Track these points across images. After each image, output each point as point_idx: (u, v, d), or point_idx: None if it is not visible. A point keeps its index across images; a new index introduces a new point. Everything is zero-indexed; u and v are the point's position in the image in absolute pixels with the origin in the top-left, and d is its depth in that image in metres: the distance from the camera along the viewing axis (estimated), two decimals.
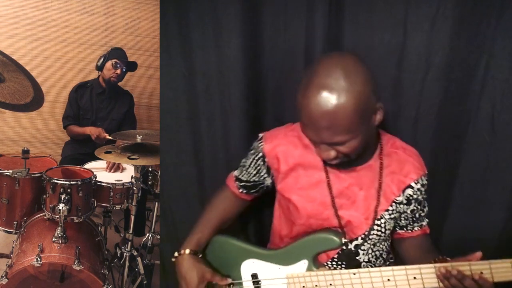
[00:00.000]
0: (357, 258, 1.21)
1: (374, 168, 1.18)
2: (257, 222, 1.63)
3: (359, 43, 1.40)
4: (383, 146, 1.19)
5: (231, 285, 1.28)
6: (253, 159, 1.28)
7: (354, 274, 1.10)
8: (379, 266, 1.26)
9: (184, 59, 1.48)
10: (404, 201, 1.18)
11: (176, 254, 1.26)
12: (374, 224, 1.18)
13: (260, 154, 1.26)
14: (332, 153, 1.05)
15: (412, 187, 1.17)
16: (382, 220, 1.18)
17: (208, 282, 1.23)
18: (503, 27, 1.28)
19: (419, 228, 1.24)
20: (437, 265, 1.02)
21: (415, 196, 1.18)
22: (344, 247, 1.19)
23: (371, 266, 1.23)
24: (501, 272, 0.97)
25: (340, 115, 0.96)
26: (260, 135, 1.28)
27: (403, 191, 1.17)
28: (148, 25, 3.15)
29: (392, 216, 1.19)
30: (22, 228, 1.87)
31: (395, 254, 1.33)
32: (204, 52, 1.46)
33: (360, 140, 1.03)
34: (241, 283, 1.27)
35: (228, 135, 1.54)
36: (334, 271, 1.13)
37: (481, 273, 0.97)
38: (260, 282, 1.25)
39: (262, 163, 1.27)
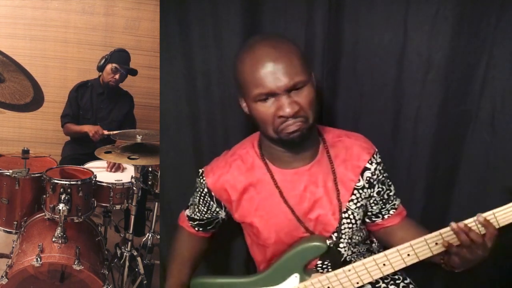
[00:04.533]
0: (340, 253, 1.18)
1: (323, 162, 1.16)
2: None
3: (359, 43, 1.40)
4: (325, 138, 1.18)
5: None
6: (200, 196, 1.25)
7: (349, 270, 1.10)
8: (362, 252, 1.25)
9: (184, 59, 1.48)
10: (366, 185, 1.16)
11: None
12: (342, 218, 1.15)
13: (206, 190, 1.22)
14: (295, 106, 1.01)
15: (369, 169, 1.15)
16: (349, 212, 1.16)
17: None
18: (503, 27, 1.28)
19: (394, 211, 1.22)
20: (427, 236, 1.04)
21: (375, 177, 1.16)
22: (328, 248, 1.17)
23: (355, 257, 1.23)
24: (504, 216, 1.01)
25: (293, 53, 1.03)
26: (200, 170, 1.24)
27: (361, 175, 1.15)
28: (148, 25, 3.14)
29: (358, 204, 1.16)
30: (22, 228, 1.87)
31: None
32: (204, 52, 1.46)
33: (312, 90, 1.05)
34: None
35: (228, 135, 1.54)
36: (329, 274, 1.13)
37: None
38: None
39: (209, 198, 1.23)
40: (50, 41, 3.05)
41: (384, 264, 1.08)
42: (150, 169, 2.16)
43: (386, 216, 1.22)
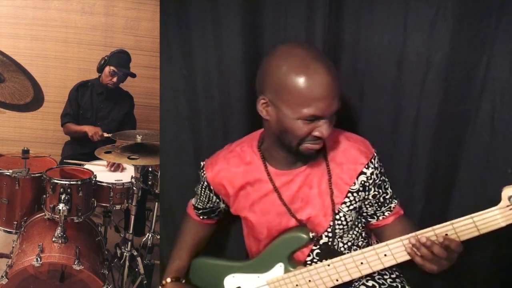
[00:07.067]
0: (333, 252, 1.19)
1: (319, 163, 1.17)
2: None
3: (359, 43, 1.40)
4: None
5: None
6: (201, 188, 1.32)
7: (328, 265, 1.12)
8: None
9: (184, 59, 1.48)
10: (361, 189, 1.16)
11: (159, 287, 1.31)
12: (333, 219, 1.17)
13: (205, 183, 1.29)
14: (331, 130, 1.06)
15: (365, 173, 1.15)
16: (341, 214, 1.17)
17: None
18: (503, 27, 1.27)
19: (389, 213, 1.23)
20: (403, 237, 1.02)
21: (370, 181, 1.16)
22: (320, 246, 1.20)
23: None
24: (466, 229, 0.97)
25: (337, 76, 1.03)
26: (202, 163, 1.31)
27: (357, 178, 1.15)
28: (148, 25, 3.15)
29: (351, 207, 1.18)
30: (22, 228, 1.87)
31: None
32: (204, 52, 1.46)
33: None
34: None
35: (228, 135, 1.54)
36: (310, 267, 1.14)
37: (446, 234, 0.98)
38: None
39: (209, 191, 1.30)
40: (51, 41, 3.06)
41: (361, 263, 1.08)
42: (150, 169, 2.16)
43: (380, 218, 1.24)
